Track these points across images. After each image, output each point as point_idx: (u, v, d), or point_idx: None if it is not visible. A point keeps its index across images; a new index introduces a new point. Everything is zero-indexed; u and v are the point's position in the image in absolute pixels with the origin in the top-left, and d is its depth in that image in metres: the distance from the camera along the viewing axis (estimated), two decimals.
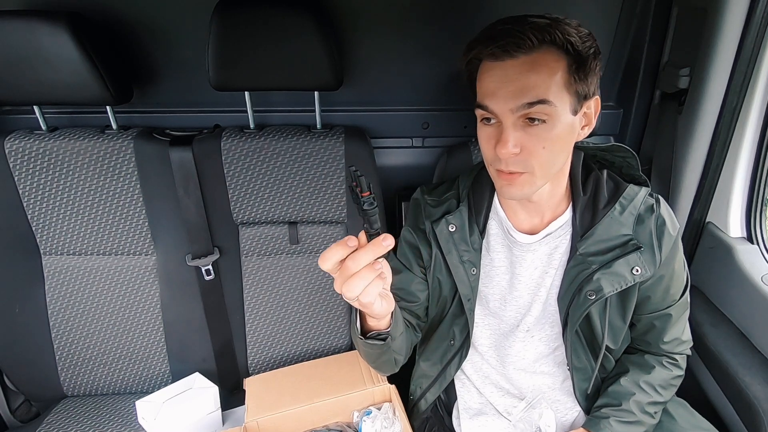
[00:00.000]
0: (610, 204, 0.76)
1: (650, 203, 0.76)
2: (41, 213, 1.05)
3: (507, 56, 0.64)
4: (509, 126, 0.66)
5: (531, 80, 0.64)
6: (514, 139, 0.66)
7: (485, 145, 0.71)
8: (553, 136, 0.66)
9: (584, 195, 0.77)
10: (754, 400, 0.87)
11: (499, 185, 0.72)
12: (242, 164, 1.04)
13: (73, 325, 1.12)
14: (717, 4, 0.90)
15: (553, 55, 0.64)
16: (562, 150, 0.70)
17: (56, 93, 0.96)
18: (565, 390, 0.86)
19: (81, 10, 0.95)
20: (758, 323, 0.93)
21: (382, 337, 0.72)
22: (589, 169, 0.80)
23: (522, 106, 0.64)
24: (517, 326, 0.83)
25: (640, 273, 0.73)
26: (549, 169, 0.70)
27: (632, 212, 0.75)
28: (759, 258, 0.98)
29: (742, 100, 0.94)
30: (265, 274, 1.13)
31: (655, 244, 0.74)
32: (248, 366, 1.17)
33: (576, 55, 0.65)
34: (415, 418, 0.96)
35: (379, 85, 1.19)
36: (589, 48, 0.66)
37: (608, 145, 0.82)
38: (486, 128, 0.70)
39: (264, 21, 0.92)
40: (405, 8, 1.10)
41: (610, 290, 0.73)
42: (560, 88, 0.65)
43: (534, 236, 0.79)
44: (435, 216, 0.85)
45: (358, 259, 0.52)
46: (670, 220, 0.76)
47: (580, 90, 0.67)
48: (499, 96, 0.66)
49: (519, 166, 0.68)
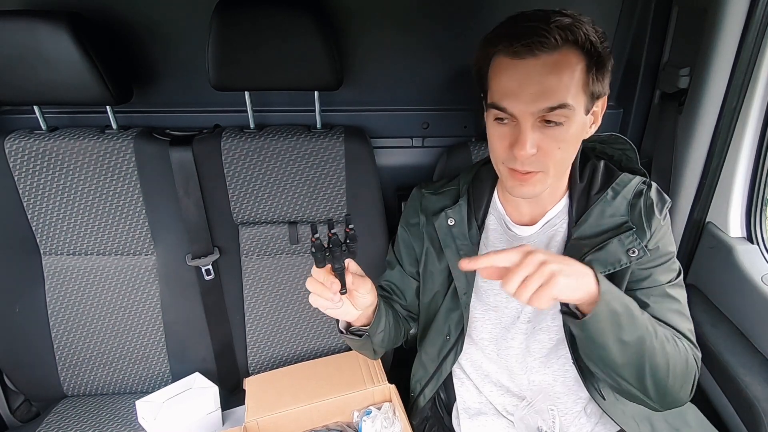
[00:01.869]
0: (603, 190, 0.77)
1: (642, 188, 0.77)
2: (41, 213, 1.05)
3: (530, 55, 0.62)
4: (528, 128, 0.65)
5: (553, 83, 0.63)
6: (532, 140, 0.65)
7: (498, 145, 0.70)
8: (568, 137, 0.67)
9: (581, 183, 0.79)
10: (754, 400, 0.87)
11: (511, 184, 0.72)
12: (242, 164, 1.04)
13: (73, 325, 1.12)
14: (717, 4, 0.90)
15: (574, 56, 0.63)
16: (574, 148, 0.71)
17: (56, 93, 0.96)
18: (569, 387, 0.85)
19: (81, 10, 0.95)
20: (758, 323, 0.93)
21: (359, 333, 0.80)
22: (587, 158, 0.82)
23: (543, 110, 0.64)
24: (517, 318, 0.83)
25: (636, 255, 0.72)
26: (562, 167, 0.71)
27: (625, 197, 0.76)
28: (759, 258, 0.98)
29: (742, 100, 0.94)
30: (265, 274, 1.13)
31: (645, 225, 0.74)
32: (248, 366, 1.17)
33: (596, 55, 0.64)
34: (415, 416, 0.96)
35: (379, 85, 1.19)
36: (606, 48, 0.66)
37: (606, 135, 0.83)
38: (499, 127, 0.69)
39: (264, 21, 0.92)
40: (405, 8, 1.10)
41: (602, 270, 0.72)
42: (578, 89, 0.65)
43: (532, 227, 0.80)
44: (434, 209, 0.87)
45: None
46: (659, 200, 0.76)
47: (595, 90, 0.67)
48: (520, 97, 0.64)
49: (534, 166, 0.68)
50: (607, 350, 0.66)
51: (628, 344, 0.65)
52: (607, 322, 0.63)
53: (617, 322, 0.63)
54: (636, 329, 0.65)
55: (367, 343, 0.82)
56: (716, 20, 0.91)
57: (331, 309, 0.70)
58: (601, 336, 0.64)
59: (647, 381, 0.68)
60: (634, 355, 0.66)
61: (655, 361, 0.67)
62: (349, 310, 0.73)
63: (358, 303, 0.73)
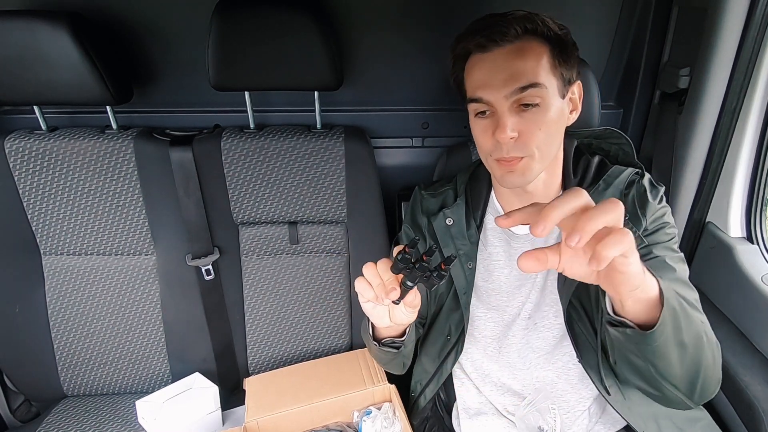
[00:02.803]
0: (594, 183, 0.78)
1: (634, 179, 0.77)
2: (41, 213, 1.05)
3: (494, 45, 0.68)
4: (505, 112, 0.68)
5: (519, 66, 0.67)
6: (512, 123, 0.68)
7: (482, 137, 0.73)
8: (547, 119, 0.69)
9: (574, 178, 0.79)
10: (754, 400, 0.87)
11: (499, 174, 0.74)
12: (242, 164, 1.04)
13: (73, 325, 1.12)
14: (717, 4, 0.90)
15: (536, 43, 0.68)
16: (557, 133, 0.72)
17: (56, 93, 0.96)
18: (572, 385, 0.84)
19: (81, 10, 0.95)
20: (758, 323, 0.93)
21: (396, 345, 0.79)
22: (581, 154, 0.82)
23: (515, 91, 0.67)
24: (518, 314, 0.83)
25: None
26: (547, 151, 0.71)
27: (617, 188, 0.76)
28: (759, 258, 0.98)
29: (742, 100, 0.94)
30: (265, 274, 1.13)
31: (639, 213, 0.74)
32: (248, 366, 1.17)
33: (557, 40, 0.69)
34: (415, 416, 0.96)
35: (379, 85, 1.20)
36: (566, 34, 0.71)
37: (602, 130, 0.83)
38: (480, 121, 0.72)
39: (264, 21, 0.92)
40: (405, 8, 1.10)
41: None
42: (547, 71, 0.68)
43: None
44: (432, 210, 0.88)
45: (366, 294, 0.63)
46: (651, 187, 0.76)
47: (564, 74, 0.70)
48: (491, 85, 0.68)
49: (518, 151, 0.69)
50: (667, 360, 0.58)
51: (686, 346, 0.58)
52: (671, 326, 0.55)
53: (677, 324, 0.55)
54: (693, 327, 0.58)
55: (399, 356, 0.82)
56: (716, 20, 0.91)
57: (371, 303, 0.66)
58: (666, 345, 0.56)
59: (698, 383, 0.62)
60: (691, 358, 0.59)
61: (708, 358, 0.61)
62: (383, 315, 0.69)
63: (396, 317, 0.69)
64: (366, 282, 0.63)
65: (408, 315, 0.68)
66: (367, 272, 0.63)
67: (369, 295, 0.62)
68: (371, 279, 0.62)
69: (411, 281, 0.61)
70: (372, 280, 0.62)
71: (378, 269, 0.62)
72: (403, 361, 0.86)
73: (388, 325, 0.71)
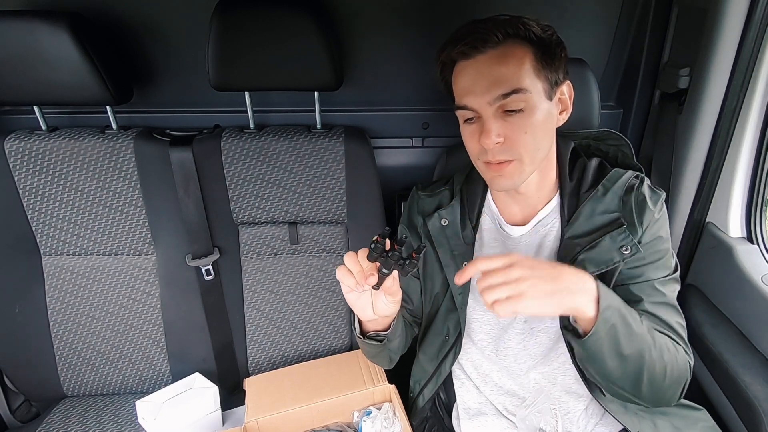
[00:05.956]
0: (593, 187, 0.77)
1: (633, 183, 0.77)
2: (41, 213, 1.05)
3: (476, 52, 0.68)
4: (489, 117, 0.69)
5: (502, 72, 0.67)
6: (496, 128, 0.69)
7: (470, 142, 0.74)
8: (533, 122, 0.69)
9: (570, 181, 0.79)
10: (754, 400, 0.87)
11: (489, 177, 0.75)
12: (242, 164, 1.04)
13: (73, 325, 1.12)
14: (717, 4, 0.90)
15: (519, 47, 0.68)
16: (545, 135, 0.72)
17: (56, 93, 0.96)
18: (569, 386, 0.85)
19: (81, 10, 0.95)
20: (758, 323, 0.93)
21: (380, 339, 0.80)
22: (577, 156, 0.82)
23: (498, 97, 0.67)
24: (514, 318, 0.83)
25: (629, 252, 0.72)
26: (535, 154, 0.72)
27: (616, 192, 0.76)
28: (759, 258, 0.98)
29: (742, 100, 0.94)
30: (265, 274, 1.13)
31: (637, 221, 0.74)
32: (248, 366, 1.17)
33: (540, 42, 0.69)
34: (415, 416, 0.96)
35: (379, 85, 1.20)
36: (551, 35, 0.70)
37: (600, 131, 0.83)
38: (468, 127, 0.74)
39: (264, 21, 0.92)
40: (405, 8, 1.10)
41: (594, 270, 0.72)
42: (531, 75, 0.68)
43: (524, 227, 0.80)
44: (428, 210, 0.89)
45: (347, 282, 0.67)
46: (651, 194, 0.76)
47: (550, 76, 0.70)
48: (474, 91, 0.69)
49: (505, 154, 0.70)
50: (605, 365, 0.67)
51: (626, 358, 0.66)
52: (606, 338, 0.64)
53: (615, 338, 0.64)
54: (635, 343, 0.66)
55: (384, 350, 0.83)
56: (716, 20, 0.91)
57: (355, 293, 0.70)
58: (599, 353, 0.65)
59: (643, 388, 0.69)
60: (632, 368, 0.67)
61: (654, 371, 0.68)
62: (366, 306, 0.72)
63: (378, 308, 0.72)
64: (347, 269, 0.66)
65: (390, 306, 0.72)
66: (348, 260, 0.67)
67: (349, 282, 0.66)
68: (351, 266, 0.66)
69: (386, 268, 0.66)
70: (352, 268, 0.66)
71: (358, 257, 0.66)
72: (390, 355, 0.87)
73: (372, 317, 0.74)
